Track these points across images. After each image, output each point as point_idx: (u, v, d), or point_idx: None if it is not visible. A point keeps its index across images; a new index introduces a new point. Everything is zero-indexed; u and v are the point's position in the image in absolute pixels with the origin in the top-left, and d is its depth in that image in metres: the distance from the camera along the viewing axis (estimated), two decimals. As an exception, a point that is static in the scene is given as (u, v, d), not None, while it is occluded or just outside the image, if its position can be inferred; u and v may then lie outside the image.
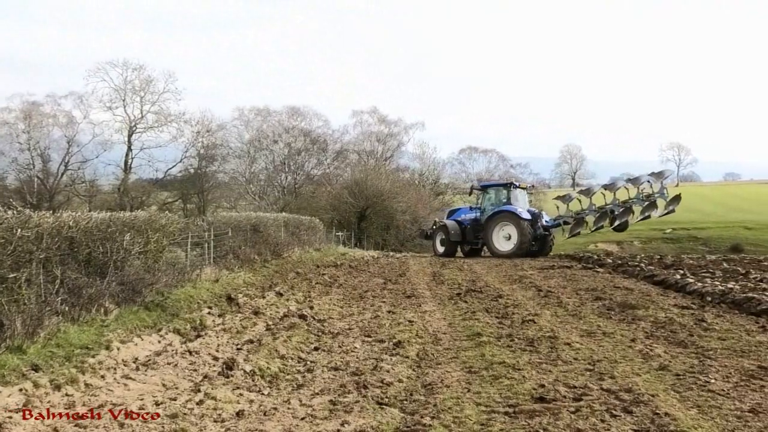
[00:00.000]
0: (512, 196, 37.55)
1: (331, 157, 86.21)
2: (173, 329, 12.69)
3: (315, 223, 41.22)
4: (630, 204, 36.18)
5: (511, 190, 38.05)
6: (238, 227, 26.68)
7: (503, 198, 37.77)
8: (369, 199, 60.23)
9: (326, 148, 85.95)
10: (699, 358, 10.13)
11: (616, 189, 36.95)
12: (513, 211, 36.11)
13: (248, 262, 23.95)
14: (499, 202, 37.78)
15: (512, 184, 39.07)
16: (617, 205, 36.43)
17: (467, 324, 13.46)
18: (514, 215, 35.92)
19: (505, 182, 41.58)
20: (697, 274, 21.95)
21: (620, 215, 36.04)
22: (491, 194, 38.74)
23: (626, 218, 36.16)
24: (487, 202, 38.44)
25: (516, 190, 38.26)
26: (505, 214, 36.19)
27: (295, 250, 31.45)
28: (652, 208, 35.84)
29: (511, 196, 37.55)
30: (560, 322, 13.52)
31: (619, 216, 36.08)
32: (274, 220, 32.22)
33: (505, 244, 35.96)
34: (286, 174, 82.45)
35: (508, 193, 37.77)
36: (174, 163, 71.29)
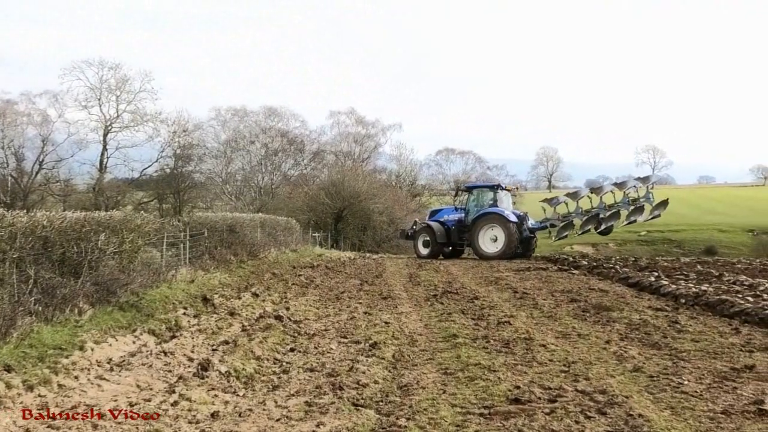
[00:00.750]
0: (498, 198, 37.58)
1: (308, 158, 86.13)
2: (148, 330, 12.62)
3: (292, 223, 41.15)
4: (618, 208, 36.39)
5: (498, 191, 38.08)
6: (214, 228, 26.60)
7: (489, 200, 37.76)
8: (346, 200, 60.22)
9: (303, 149, 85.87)
10: (673, 360, 10.19)
11: (603, 193, 37.18)
12: (500, 213, 36.13)
13: (224, 262, 23.88)
14: (484, 203, 37.78)
15: (499, 186, 39.01)
16: (604, 208, 36.65)
17: (443, 325, 13.47)
18: (502, 217, 35.94)
19: (491, 184, 41.57)
20: (671, 277, 22.08)
21: (607, 219, 36.28)
22: (477, 196, 38.68)
23: (613, 222, 36.42)
24: (471, 203, 38.38)
25: (501, 192, 38.29)
26: (492, 216, 36.19)
27: (272, 251, 31.38)
28: (638, 212, 36.13)
29: (497, 198, 37.58)
30: (536, 324, 13.56)
31: (606, 220, 36.31)
32: (251, 220, 32.13)
33: (491, 246, 35.97)
34: (263, 174, 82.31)
35: (495, 195, 37.75)
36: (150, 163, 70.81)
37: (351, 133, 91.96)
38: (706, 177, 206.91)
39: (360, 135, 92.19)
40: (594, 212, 36.83)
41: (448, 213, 39.31)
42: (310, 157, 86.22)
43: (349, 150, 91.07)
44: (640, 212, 36.17)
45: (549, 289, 19.74)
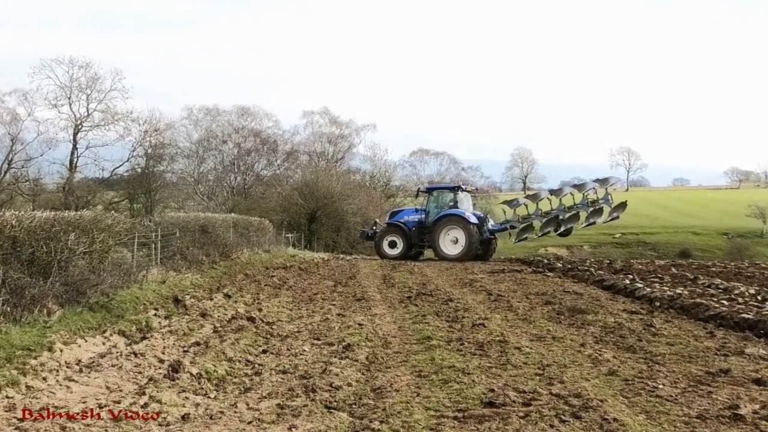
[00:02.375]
0: (458, 199, 37.66)
1: (281, 158, 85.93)
2: (118, 331, 12.54)
3: (265, 224, 41.01)
4: (577, 210, 36.71)
5: (458, 193, 38.17)
6: (186, 228, 26.48)
7: (449, 201, 37.88)
8: (319, 201, 60.15)
9: (276, 149, 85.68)
10: (648, 364, 10.25)
11: (563, 195, 37.59)
12: (461, 215, 36.27)
13: (196, 263, 23.78)
14: (444, 204, 37.89)
15: (459, 187, 39.16)
16: (563, 210, 36.97)
17: (417, 327, 13.49)
18: (462, 219, 36.09)
19: (452, 185, 41.66)
20: (646, 279, 22.20)
21: (567, 221, 36.63)
22: (437, 197, 38.84)
23: (573, 224, 36.76)
24: (432, 204, 38.49)
25: (462, 194, 38.37)
26: (453, 218, 36.32)
27: (244, 252, 31.28)
28: (597, 214, 36.53)
29: (458, 199, 37.66)
30: (510, 327, 13.60)
31: (565, 222, 36.67)
32: (223, 221, 32.01)
33: (452, 247, 36.09)
34: (236, 174, 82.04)
35: (455, 196, 37.86)
36: (121, 163, 70.21)
37: (325, 133, 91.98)
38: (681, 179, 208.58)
39: (334, 135, 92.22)
40: (554, 214, 37.24)
41: (408, 214, 39.41)
42: (284, 158, 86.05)
43: (323, 150, 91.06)
44: (599, 214, 36.66)
45: (524, 292, 19.81)
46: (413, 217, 38.49)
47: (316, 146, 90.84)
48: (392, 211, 42.54)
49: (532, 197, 38.94)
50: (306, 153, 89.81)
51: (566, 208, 37.04)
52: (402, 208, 43.97)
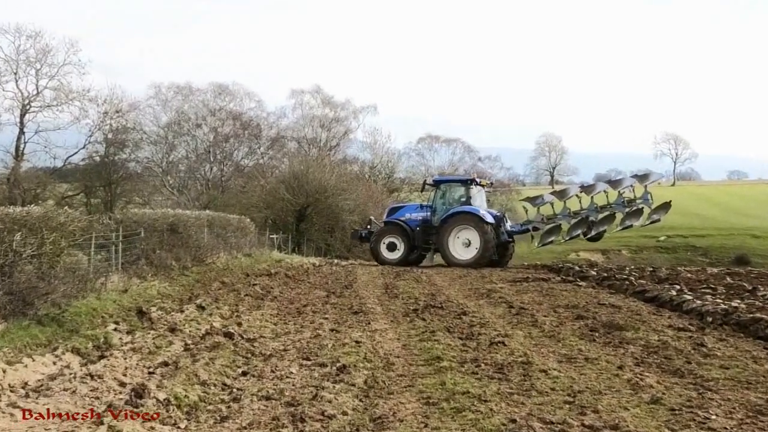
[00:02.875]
0: (471, 194, 37.55)
1: (265, 145, 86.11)
2: (72, 348, 12.52)
3: (245, 223, 41.01)
4: (611, 210, 36.59)
5: (471, 187, 38.07)
6: (152, 227, 26.44)
7: (460, 196, 37.83)
8: (310, 196, 60.23)
9: (259, 135, 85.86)
10: (698, 390, 10.21)
11: (595, 192, 37.27)
12: (475, 213, 36.21)
13: (164, 268, 23.77)
14: (455, 200, 37.85)
15: (473, 180, 39.15)
16: (595, 210, 36.79)
17: (425, 346, 13.45)
18: (476, 217, 36.02)
19: (464, 177, 41.61)
20: (695, 290, 22.15)
21: (599, 223, 36.51)
22: (446, 191, 38.81)
23: (605, 227, 36.66)
24: (439, 200, 38.47)
25: (475, 188, 38.25)
26: (465, 216, 36.29)
27: (221, 256, 31.28)
28: (634, 216, 36.39)
29: (470, 194, 37.55)
30: (535, 345, 13.57)
31: (597, 224, 36.53)
32: (196, 219, 31.97)
33: (463, 251, 36.06)
34: (211, 164, 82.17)
35: (467, 191, 37.79)
36: (76, 150, 70.23)
37: (316, 116, 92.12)
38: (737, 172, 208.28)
39: (327, 118, 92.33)
40: (583, 214, 37.09)
41: (411, 211, 39.45)
42: (268, 144, 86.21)
43: (314, 136, 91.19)
44: (636, 216, 36.55)
45: (551, 304, 19.79)
46: (417, 215, 38.48)
47: (306, 131, 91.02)
48: (391, 207, 42.59)
49: (559, 194, 38.75)
50: (294, 139, 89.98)
51: (598, 207, 36.90)
52: (403, 204, 43.93)
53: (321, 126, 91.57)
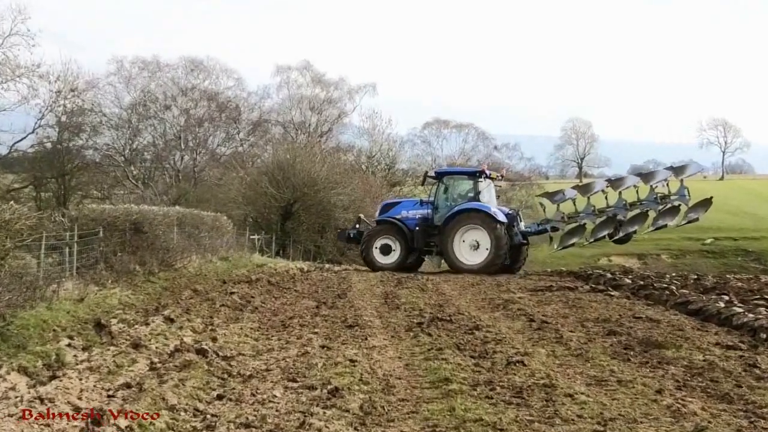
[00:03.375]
0: (480, 189, 37.46)
1: (245, 131, 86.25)
2: (18, 367, 12.51)
3: (222, 221, 41.05)
4: (644, 208, 36.42)
5: (480, 180, 38.09)
6: (113, 225, 26.45)
7: (467, 191, 37.75)
8: (297, 190, 60.21)
9: (239, 118, 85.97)
10: (749, 418, 10.22)
11: (624, 187, 37.01)
12: (485, 211, 36.11)
13: (127, 274, 23.78)
14: (460, 196, 37.80)
15: (482, 172, 39.05)
16: (623, 207, 36.61)
17: (431, 365, 13.46)
18: (487, 216, 35.94)
19: (471, 169, 41.53)
20: (747, 302, 22.10)
21: (629, 223, 36.43)
22: (450, 185, 38.78)
23: (636, 227, 36.59)
24: (442, 195, 38.43)
25: (484, 181, 38.27)
26: (473, 214, 36.26)
27: (193, 259, 31.31)
28: (670, 214, 36.17)
29: (479, 188, 37.47)
30: (559, 365, 13.58)
31: (626, 224, 36.42)
32: (164, 216, 31.96)
33: (471, 254, 36.03)
34: (182, 153, 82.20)
35: (475, 185, 37.76)
36: (24, 135, 70.28)
37: (305, 97, 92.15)
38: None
39: (318, 99, 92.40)
40: (610, 212, 36.89)
41: (408, 208, 39.41)
42: (249, 130, 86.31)
43: (303, 120, 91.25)
44: (671, 214, 36.29)
45: (578, 317, 19.81)
46: (415, 213, 38.47)
47: (293, 114, 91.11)
48: (385, 204, 42.35)
49: (583, 188, 38.73)
50: (279, 123, 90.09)
51: (627, 204, 36.74)
52: (399, 200, 43.81)
53: (311, 108, 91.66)
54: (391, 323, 18.92)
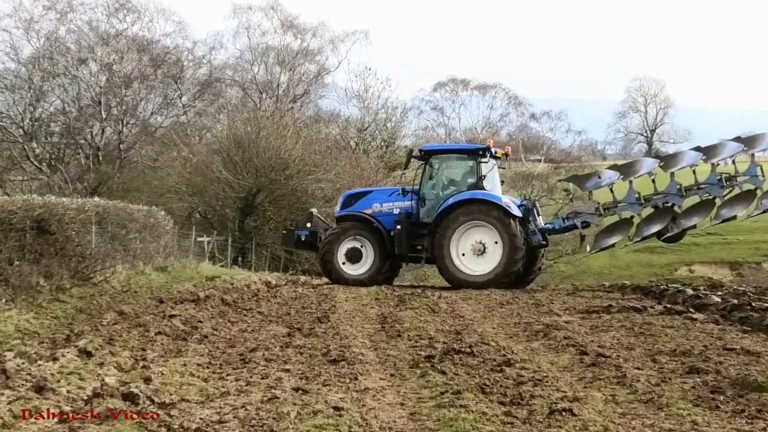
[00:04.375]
0: (483, 172, 37.47)
1: (189, 94, 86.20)
2: None
3: (158, 218, 41.11)
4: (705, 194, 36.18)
5: (483, 161, 37.83)
6: (7, 224, 26.47)
7: (466, 175, 37.72)
8: (262, 175, 60.39)
9: (181, 76, 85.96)
10: None
11: (677, 167, 36.66)
12: (493, 202, 35.92)
13: (26, 290, 23.79)
14: (454, 183, 37.66)
15: (487, 149, 38.37)
16: (678, 194, 36.31)
17: (445, 415, 13.45)
18: (496, 209, 35.86)
19: (472, 146, 41.42)
20: None
21: (686, 214, 36.20)
22: (441, 168, 38.76)
23: (697, 220, 36.40)
24: (429, 181, 38.45)
25: (489, 162, 38.02)
26: (476, 207, 36.23)
27: (119, 270, 31.32)
28: (738, 202, 35.93)
29: (480, 172, 37.55)
30: (622, 415, 13.58)
31: (683, 216, 36.22)
32: (79, 211, 31.96)
33: (474, 261, 35.77)
34: (103, 123, 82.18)
35: (477, 168, 37.65)
36: None
37: (272, 48, 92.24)
38: None
39: (290, 51, 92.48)
40: (659, 200, 36.53)
41: (381, 199, 39.02)
42: (195, 92, 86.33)
43: (269, 79, 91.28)
44: (743, 201, 36.01)
45: (648, 349, 19.80)
46: (391, 205, 38.30)
47: (255, 71, 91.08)
48: (348, 195, 41.47)
49: (625, 169, 38.11)
50: (237, 84, 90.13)
51: (682, 189, 36.41)
52: (367, 190, 42.65)
53: (279, 63, 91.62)
54: (391, 357, 18.93)
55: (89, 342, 19.33)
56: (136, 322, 22.99)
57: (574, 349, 19.61)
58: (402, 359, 18.63)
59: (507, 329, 23.27)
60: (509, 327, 23.74)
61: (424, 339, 21.17)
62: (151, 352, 19.08)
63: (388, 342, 21.09)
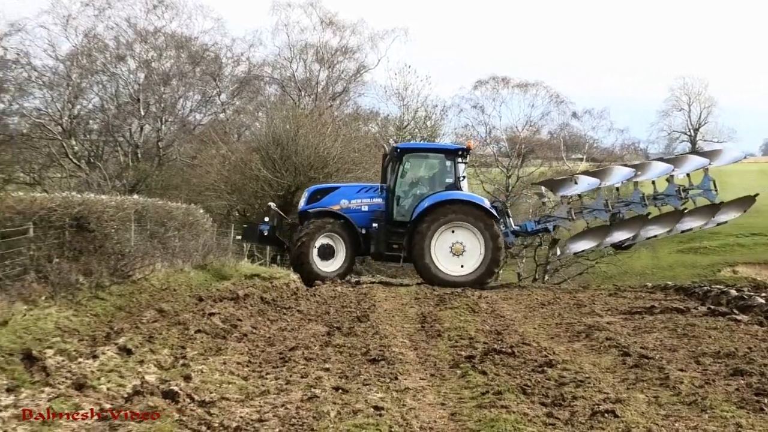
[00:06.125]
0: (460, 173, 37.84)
1: (228, 92, 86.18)
2: None
3: (197, 216, 41.16)
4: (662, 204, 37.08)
5: (460, 162, 38.18)
6: (47, 221, 26.52)
7: (442, 175, 37.95)
8: (301, 173, 60.31)
9: (219, 74, 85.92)
10: None
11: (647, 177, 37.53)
12: (475, 203, 36.61)
13: (66, 288, 23.83)
14: (430, 181, 37.70)
15: (465, 150, 38.93)
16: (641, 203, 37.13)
17: (486, 416, 13.43)
18: (478, 210, 36.38)
19: (448, 145, 41.50)
20: None
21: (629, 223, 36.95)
22: (415, 167, 38.94)
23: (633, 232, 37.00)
24: (402, 180, 38.30)
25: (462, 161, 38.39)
26: (457, 208, 36.38)
27: (158, 268, 31.36)
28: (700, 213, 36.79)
29: (459, 172, 37.84)
30: (665, 417, 13.54)
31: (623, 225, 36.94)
32: (118, 208, 32.01)
33: (453, 261, 35.81)
34: (142, 121, 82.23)
35: (454, 166, 37.94)
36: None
37: (312, 46, 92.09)
38: None
39: (329, 48, 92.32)
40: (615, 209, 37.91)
41: (348, 195, 38.89)
42: (233, 90, 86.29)
43: (308, 77, 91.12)
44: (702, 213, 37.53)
45: (691, 351, 19.73)
46: (360, 202, 38.31)
47: (294, 69, 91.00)
48: (313, 190, 40.84)
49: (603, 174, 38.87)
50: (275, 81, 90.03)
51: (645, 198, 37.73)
52: (332, 186, 41.92)
53: (318, 61, 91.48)
54: (431, 357, 18.92)
55: (129, 340, 19.37)
56: (176, 320, 23.01)
57: (617, 351, 19.57)
58: (442, 359, 18.61)
59: (548, 330, 23.25)
60: (550, 327, 23.71)
61: (464, 339, 21.14)
62: (191, 350, 19.09)
63: (428, 342, 21.07)
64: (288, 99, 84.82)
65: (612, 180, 38.48)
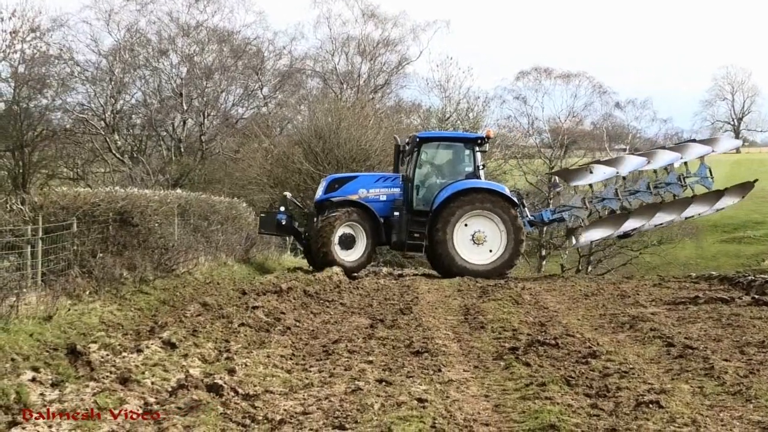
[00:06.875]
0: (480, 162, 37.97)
1: (270, 85, 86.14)
2: (-37, 411, 12.59)
3: (240, 209, 41.21)
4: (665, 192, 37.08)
5: (479, 150, 38.33)
6: (91, 216, 26.58)
7: (462, 164, 38.08)
8: (344, 166, 60.15)
9: (261, 68, 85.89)
10: None
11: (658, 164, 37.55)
12: (498, 192, 36.73)
13: (110, 282, 23.89)
14: (448, 171, 38.00)
15: (484, 138, 39.09)
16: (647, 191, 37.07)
17: (531, 407, 13.40)
18: (501, 198, 36.45)
19: (468, 134, 41.30)
20: None
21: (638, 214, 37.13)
22: (435, 156, 39.04)
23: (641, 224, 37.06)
24: (422, 170, 38.34)
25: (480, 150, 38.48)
26: (479, 197, 36.40)
27: (202, 262, 31.42)
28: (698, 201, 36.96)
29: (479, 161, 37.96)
30: (710, 407, 13.47)
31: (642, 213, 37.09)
32: (161, 203, 32.06)
33: (473, 251, 35.89)
34: (184, 115, 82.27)
35: (473, 156, 38.03)
36: (-32, 91, 70.84)
37: (353, 38, 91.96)
38: None
39: (371, 41, 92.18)
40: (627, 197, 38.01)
41: (366, 185, 38.75)
42: (275, 84, 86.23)
43: (350, 70, 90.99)
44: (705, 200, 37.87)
45: (736, 341, 19.62)
46: (378, 191, 38.17)
47: (336, 62, 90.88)
48: (332, 179, 40.61)
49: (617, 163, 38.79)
50: (317, 74, 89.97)
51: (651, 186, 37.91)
52: (354, 174, 43.01)
53: (360, 53, 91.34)
54: (474, 348, 18.89)
55: (173, 333, 19.39)
56: (220, 314, 23.02)
57: (661, 341, 19.49)
58: (486, 351, 18.58)
59: (592, 321, 23.18)
60: (594, 318, 23.64)
61: (507, 331, 21.09)
62: (235, 343, 19.11)
63: (471, 334, 21.03)
64: (330, 92, 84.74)
65: (626, 169, 38.47)
